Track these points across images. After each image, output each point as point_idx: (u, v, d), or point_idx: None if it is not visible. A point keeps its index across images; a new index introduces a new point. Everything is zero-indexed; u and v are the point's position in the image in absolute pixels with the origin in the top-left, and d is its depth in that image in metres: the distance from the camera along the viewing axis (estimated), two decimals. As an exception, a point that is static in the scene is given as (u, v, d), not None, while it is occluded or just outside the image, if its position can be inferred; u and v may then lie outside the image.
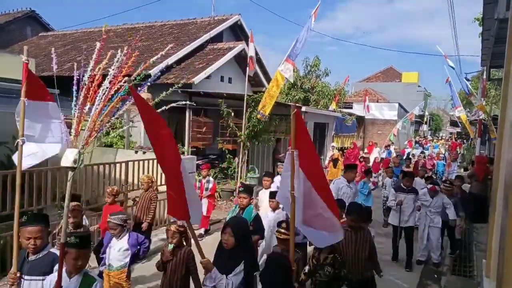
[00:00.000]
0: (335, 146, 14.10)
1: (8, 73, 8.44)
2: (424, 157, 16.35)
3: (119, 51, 2.95)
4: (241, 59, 14.20)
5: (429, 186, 6.65)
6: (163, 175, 7.57)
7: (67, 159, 2.52)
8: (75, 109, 2.73)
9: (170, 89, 3.72)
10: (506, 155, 3.32)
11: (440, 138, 40.35)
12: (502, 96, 4.93)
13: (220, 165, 11.66)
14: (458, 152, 23.68)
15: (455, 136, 35.77)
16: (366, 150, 18.96)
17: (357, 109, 27.80)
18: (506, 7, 4.81)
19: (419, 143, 28.51)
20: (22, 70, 2.87)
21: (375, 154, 15.65)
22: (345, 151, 17.25)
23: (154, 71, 11.46)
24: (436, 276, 6.13)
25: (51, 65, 14.36)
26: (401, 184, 6.94)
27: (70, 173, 2.63)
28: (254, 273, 3.23)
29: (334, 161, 12.29)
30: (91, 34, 17.98)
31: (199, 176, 10.52)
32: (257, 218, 4.79)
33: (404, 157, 15.59)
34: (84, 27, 19.35)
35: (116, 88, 2.74)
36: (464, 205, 7.46)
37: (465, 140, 32.75)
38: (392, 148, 20.06)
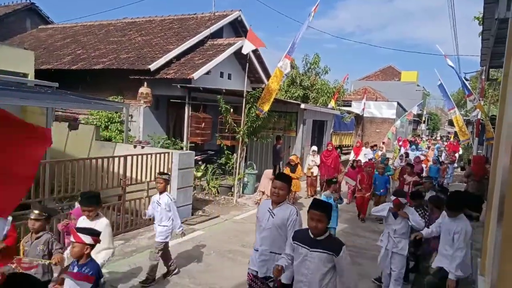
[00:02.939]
0: (315, 151, 11.67)
1: (6, 66, 8.41)
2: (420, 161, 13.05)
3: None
4: (241, 56, 14.17)
5: (393, 198, 5.12)
6: (159, 170, 7.60)
7: None
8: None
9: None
10: (503, 155, 3.34)
11: (432, 137, 39.20)
12: (500, 96, 4.95)
13: (218, 161, 11.67)
14: (459, 153, 22.80)
15: (453, 135, 34.77)
16: (351, 154, 15.57)
17: (356, 107, 27.81)
18: (506, 7, 4.82)
19: (415, 143, 24.62)
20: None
21: (362, 157, 13.64)
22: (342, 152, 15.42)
23: (153, 66, 11.50)
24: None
25: (50, 58, 14.33)
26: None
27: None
28: None
29: (292, 167, 9.53)
30: (91, 27, 17.90)
31: (198, 171, 10.57)
32: None
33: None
34: (84, 21, 19.27)
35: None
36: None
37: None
38: (383, 149, 18.11)
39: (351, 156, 14.57)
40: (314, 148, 11.83)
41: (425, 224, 5.43)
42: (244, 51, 10.01)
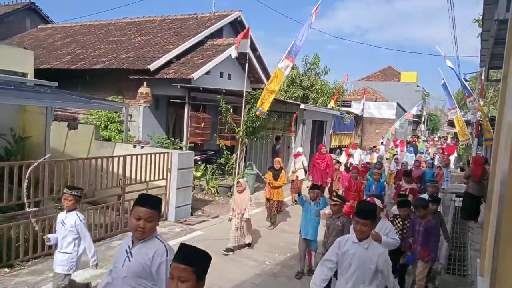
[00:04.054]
0: (301, 151, 10.57)
1: (6, 65, 8.40)
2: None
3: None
4: (240, 56, 14.15)
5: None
6: (159, 170, 7.61)
7: None
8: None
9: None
10: (502, 156, 3.34)
11: (430, 138, 38.43)
12: (500, 97, 4.95)
13: (217, 161, 11.67)
14: (455, 155, 22.24)
15: (451, 136, 34.00)
16: (342, 156, 14.47)
17: (356, 108, 27.84)
18: (506, 8, 4.83)
19: (413, 144, 22.83)
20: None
21: (356, 159, 12.93)
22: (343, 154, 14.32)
23: (153, 66, 11.49)
24: (430, 274, 6.17)
25: (49, 57, 14.31)
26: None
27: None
28: None
29: (275, 172, 8.25)
30: (91, 27, 17.89)
31: (197, 171, 10.56)
32: None
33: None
34: (84, 21, 19.26)
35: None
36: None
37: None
38: (382, 149, 17.19)
39: (342, 158, 13.83)
40: (300, 149, 10.76)
41: (403, 235, 5.03)
42: (242, 49, 10.00)
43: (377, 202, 4.42)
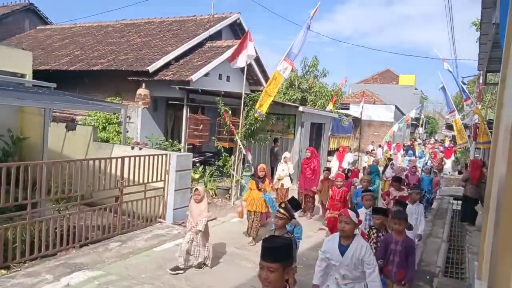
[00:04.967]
0: (288, 157, 9.45)
1: (4, 66, 8.39)
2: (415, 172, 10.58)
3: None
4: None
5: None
6: (157, 172, 7.60)
7: None
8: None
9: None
10: (500, 159, 3.35)
11: (427, 141, 38.00)
12: (497, 101, 4.97)
13: (216, 163, 11.67)
14: (452, 159, 21.41)
15: (449, 139, 33.61)
16: (333, 160, 13.45)
17: (354, 110, 27.87)
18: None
19: (412, 148, 21.62)
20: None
21: (346, 163, 11.96)
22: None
23: (152, 68, 11.49)
24: (428, 277, 6.18)
25: (48, 58, 14.30)
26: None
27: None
28: None
29: (259, 180, 7.10)
30: (90, 28, 17.90)
31: (195, 173, 10.55)
32: None
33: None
34: (83, 22, 19.25)
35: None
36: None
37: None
38: (379, 153, 16.15)
39: (332, 163, 12.92)
40: (286, 154, 9.76)
41: (377, 248, 4.40)
42: (250, 51, 9.82)
43: (351, 215, 3.55)
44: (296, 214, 4.95)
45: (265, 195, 5.13)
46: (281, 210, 4.36)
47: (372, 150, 16.47)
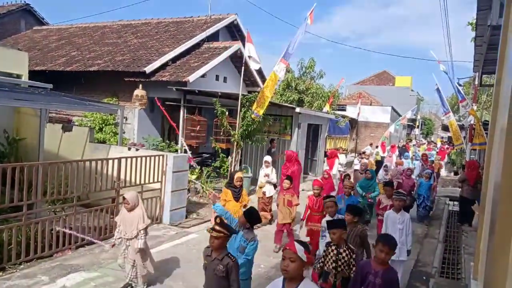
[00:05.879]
0: (269, 162, 8.50)
1: (1, 67, 8.35)
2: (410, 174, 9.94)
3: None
4: (236, 59, 14.20)
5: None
6: (154, 173, 7.59)
7: None
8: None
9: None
10: (495, 160, 3.37)
11: (420, 141, 37.79)
12: (493, 102, 5.00)
13: (213, 164, 11.66)
14: (445, 161, 21.57)
15: (444, 140, 32.96)
16: (324, 166, 12.71)
17: (351, 112, 27.95)
18: (499, 14, 4.89)
19: (406, 149, 21.02)
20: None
21: (335, 169, 11.12)
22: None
23: (149, 69, 11.48)
24: (424, 278, 6.20)
25: (44, 59, 14.24)
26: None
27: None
28: None
29: (235, 190, 6.29)
30: (87, 29, 17.85)
31: (192, 174, 10.53)
32: None
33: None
34: (79, 22, 19.20)
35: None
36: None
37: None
38: (369, 157, 14.76)
39: (324, 167, 11.96)
40: (267, 158, 8.71)
41: (338, 267, 3.79)
42: (251, 53, 9.96)
43: (298, 249, 2.61)
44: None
45: (215, 205, 4.47)
46: (216, 227, 3.41)
47: (363, 153, 15.74)
